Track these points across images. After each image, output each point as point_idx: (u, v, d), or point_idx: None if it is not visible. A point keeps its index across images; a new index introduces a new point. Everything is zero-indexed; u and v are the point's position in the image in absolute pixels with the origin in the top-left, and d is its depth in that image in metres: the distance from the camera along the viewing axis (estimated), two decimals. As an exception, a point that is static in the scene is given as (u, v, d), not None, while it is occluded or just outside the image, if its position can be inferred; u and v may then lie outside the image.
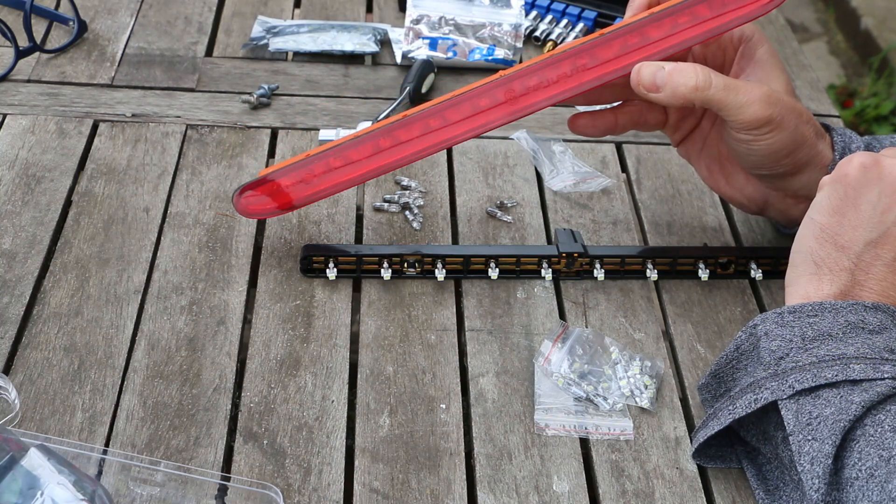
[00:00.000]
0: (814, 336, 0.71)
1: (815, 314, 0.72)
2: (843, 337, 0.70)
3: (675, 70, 0.81)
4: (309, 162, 0.87)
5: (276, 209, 0.88)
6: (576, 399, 0.80)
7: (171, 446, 0.75)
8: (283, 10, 1.26)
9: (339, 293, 0.88)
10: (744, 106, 0.80)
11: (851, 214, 0.74)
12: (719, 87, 0.80)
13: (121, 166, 0.99)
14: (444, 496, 0.74)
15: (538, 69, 0.85)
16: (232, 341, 0.83)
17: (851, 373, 0.68)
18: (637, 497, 0.75)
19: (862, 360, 0.69)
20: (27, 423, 0.76)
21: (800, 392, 0.69)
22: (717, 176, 0.91)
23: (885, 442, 0.66)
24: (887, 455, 0.65)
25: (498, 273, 0.90)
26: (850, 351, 0.70)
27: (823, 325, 0.71)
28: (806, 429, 0.68)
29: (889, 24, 3.07)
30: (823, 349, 0.70)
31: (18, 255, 0.89)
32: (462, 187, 1.01)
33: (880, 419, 0.67)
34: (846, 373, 0.68)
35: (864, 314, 0.71)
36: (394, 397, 0.80)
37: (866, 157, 0.75)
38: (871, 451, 0.66)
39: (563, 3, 1.23)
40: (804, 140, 0.83)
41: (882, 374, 0.68)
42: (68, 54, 1.14)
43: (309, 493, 0.73)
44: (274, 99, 1.10)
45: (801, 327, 0.72)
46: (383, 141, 0.86)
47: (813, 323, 0.71)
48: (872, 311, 0.71)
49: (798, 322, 0.72)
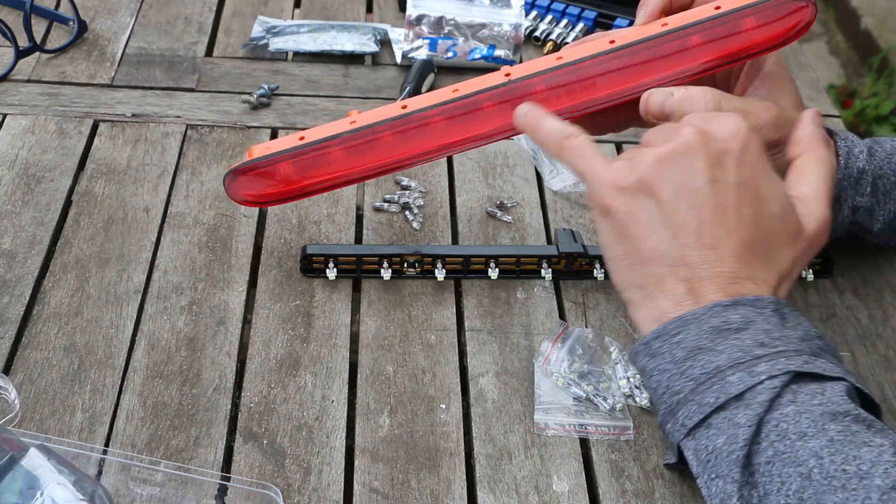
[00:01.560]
0: (684, 356, 0.69)
1: (679, 331, 0.69)
2: (713, 345, 0.68)
3: (685, 98, 0.78)
4: (305, 151, 0.83)
5: (266, 197, 0.85)
6: (576, 399, 0.80)
7: (171, 446, 0.75)
8: (283, 10, 1.26)
9: (339, 293, 0.88)
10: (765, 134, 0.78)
11: (635, 229, 0.71)
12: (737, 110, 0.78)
13: (121, 166, 0.99)
14: (444, 496, 0.74)
15: (546, 79, 0.82)
16: (232, 341, 0.83)
17: (730, 388, 0.66)
18: (637, 497, 0.75)
19: (736, 368, 0.66)
20: (27, 423, 0.76)
21: (692, 427, 0.67)
22: None
23: (797, 456, 0.63)
24: (806, 471, 0.63)
25: (498, 273, 0.90)
26: (722, 360, 0.67)
27: (690, 339, 0.69)
28: (707, 468, 0.66)
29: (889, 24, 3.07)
30: (697, 367, 0.68)
31: (18, 255, 0.89)
32: (462, 187, 1.01)
33: (783, 429, 0.64)
34: (726, 389, 0.66)
35: (726, 314, 0.68)
36: (394, 397, 0.80)
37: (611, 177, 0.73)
38: (790, 470, 0.63)
39: (563, 3, 1.23)
40: None
41: (759, 378, 0.66)
42: (68, 54, 1.14)
43: (309, 493, 0.73)
44: (274, 99, 1.10)
45: (671, 350, 0.69)
46: (385, 136, 0.83)
47: (679, 341, 0.69)
48: (732, 308, 0.69)
49: (666, 346, 0.69)
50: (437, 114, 0.82)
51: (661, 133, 0.73)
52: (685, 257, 0.70)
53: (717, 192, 0.70)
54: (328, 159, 0.83)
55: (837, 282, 0.93)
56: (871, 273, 0.94)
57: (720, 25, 0.81)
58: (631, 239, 0.71)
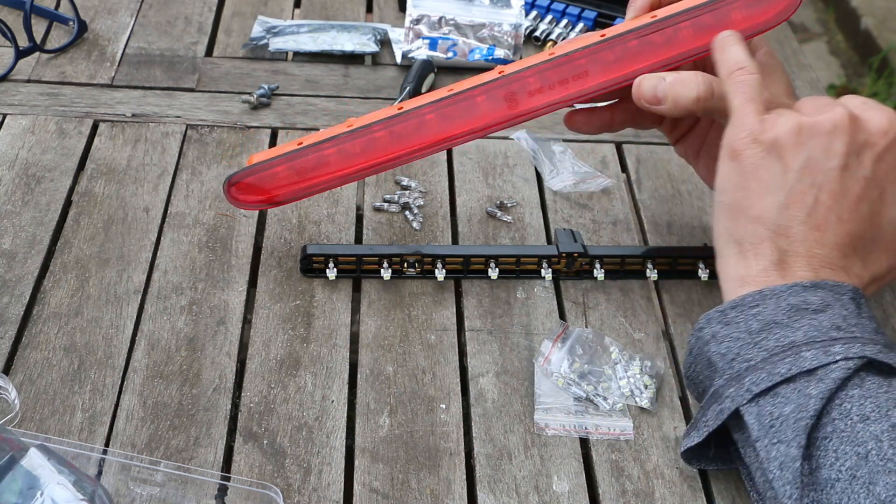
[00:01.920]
0: (760, 328, 0.70)
1: (757, 304, 0.70)
2: (789, 322, 0.69)
3: (676, 81, 0.80)
4: (302, 153, 0.85)
5: (266, 201, 0.87)
6: (576, 399, 0.80)
7: (171, 446, 0.75)
8: (283, 10, 1.26)
9: (339, 293, 0.88)
10: None
11: (754, 184, 0.73)
12: (721, 97, 0.79)
13: (121, 166, 0.99)
14: (444, 496, 0.74)
15: (539, 72, 0.84)
16: (232, 341, 0.83)
17: (804, 362, 0.67)
18: (637, 497, 0.75)
19: (812, 345, 0.67)
20: (27, 423, 0.76)
21: (758, 394, 0.68)
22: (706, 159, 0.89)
23: (857, 436, 0.64)
24: (864, 451, 0.64)
25: (498, 273, 0.90)
26: (798, 336, 0.68)
27: (767, 313, 0.70)
28: (770, 432, 0.67)
29: (889, 24, 3.07)
30: (772, 340, 0.69)
31: (18, 255, 0.89)
32: (462, 187, 1.01)
33: (846, 409, 0.65)
34: (799, 363, 0.67)
35: (805, 294, 0.69)
36: (394, 397, 0.80)
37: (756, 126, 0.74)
38: (847, 448, 0.64)
39: (563, 3, 1.23)
40: None
41: (834, 357, 0.67)
42: (68, 54, 1.14)
43: (309, 493, 0.73)
44: (274, 99, 1.10)
45: (746, 321, 0.70)
46: (379, 134, 0.85)
47: (756, 314, 0.70)
48: (812, 290, 0.70)
49: (742, 317, 0.71)
50: (431, 110, 0.84)
51: (813, 104, 0.75)
52: (790, 229, 0.72)
53: (845, 179, 0.72)
54: (325, 160, 0.85)
55: (837, 282, 0.93)
56: (871, 273, 0.94)
57: (708, 13, 0.83)
58: (747, 191, 0.73)
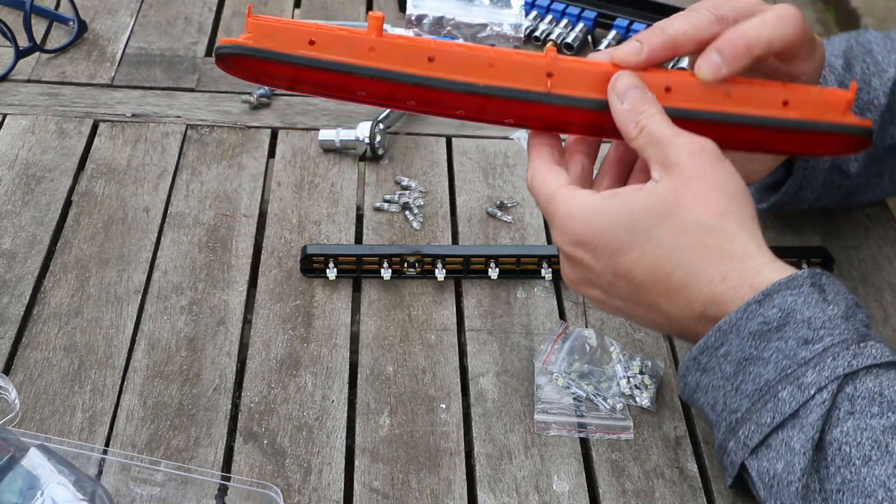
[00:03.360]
0: (734, 370, 0.67)
1: (721, 343, 0.68)
2: (759, 353, 0.67)
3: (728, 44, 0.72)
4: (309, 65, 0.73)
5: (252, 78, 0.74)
6: (576, 399, 0.80)
7: (171, 446, 0.75)
8: (283, 10, 1.26)
9: (339, 293, 0.88)
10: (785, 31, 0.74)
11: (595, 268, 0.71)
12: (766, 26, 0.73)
13: (121, 166, 0.99)
14: (444, 496, 0.74)
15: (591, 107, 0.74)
16: (232, 341, 0.83)
17: (784, 406, 0.65)
18: (637, 497, 0.75)
19: (785, 381, 0.65)
20: (27, 423, 0.76)
21: (755, 448, 0.67)
22: None
23: (865, 485, 0.62)
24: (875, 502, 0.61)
25: (498, 273, 0.90)
26: (770, 373, 0.66)
27: (733, 351, 0.67)
28: (772, 492, 0.65)
29: (889, 24, 3.07)
30: (749, 382, 0.67)
31: (18, 255, 0.89)
32: (462, 187, 1.01)
33: (846, 454, 0.63)
34: (780, 408, 0.65)
35: (761, 311, 0.66)
36: (394, 397, 0.80)
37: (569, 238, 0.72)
38: (859, 501, 0.62)
39: (563, 3, 1.23)
40: None
41: (809, 391, 0.64)
42: (68, 54, 1.14)
43: (309, 493, 0.73)
44: (274, 99, 1.10)
45: (719, 365, 0.68)
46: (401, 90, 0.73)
47: (725, 354, 0.68)
48: (767, 303, 0.66)
49: (714, 361, 0.68)
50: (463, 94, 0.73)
51: None
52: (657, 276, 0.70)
53: None
54: (331, 80, 0.74)
55: (837, 282, 0.93)
56: (871, 273, 0.94)
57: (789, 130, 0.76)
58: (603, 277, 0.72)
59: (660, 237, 0.68)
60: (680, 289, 0.68)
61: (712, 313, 0.68)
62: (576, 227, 0.70)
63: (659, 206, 0.68)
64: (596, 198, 0.70)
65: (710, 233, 0.68)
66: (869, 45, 0.87)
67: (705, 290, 0.68)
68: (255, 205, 0.97)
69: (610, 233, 0.69)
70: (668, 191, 0.69)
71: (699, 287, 0.68)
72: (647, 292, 0.70)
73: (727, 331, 0.67)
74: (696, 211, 0.68)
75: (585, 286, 0.73)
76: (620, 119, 0.72)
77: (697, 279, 0.68)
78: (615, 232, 0.69)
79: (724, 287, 0.68)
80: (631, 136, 0.71)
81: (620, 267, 0.69)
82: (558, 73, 0.73)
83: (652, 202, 0.69)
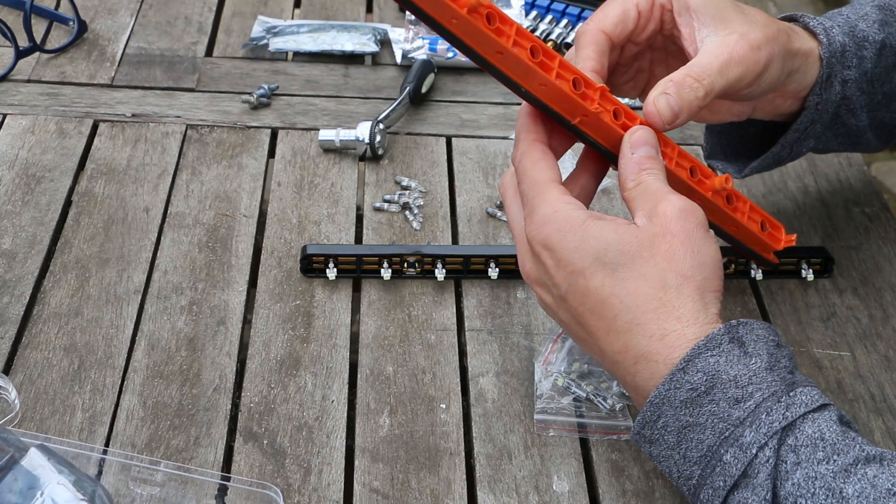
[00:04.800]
0: (676, 440, 0.67)
1: (657, 416, 0.68)
2: (694, 419, 0.66)
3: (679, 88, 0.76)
4: None
5: None
6: (576, 399, 0.80)
7: (171, 446, 0.75)
8: (283, 10, 1.26)
9: (339, 293, 0.88)
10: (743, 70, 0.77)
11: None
12: (716, 73, 0.77)
13: (121, 166, 0.99)
14: (444, 496, 0.74)
15: None
16: (232, 341, 0.83)
17: (731, 469, 0.65)
18: (637, 497, 0.75)
19: (725, 444, 0.65)
20: (27, 423, 0.76)
21: None
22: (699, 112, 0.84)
23: None
24: None
25: (498, 273, 0.90)
26: (709, 437, 0.66)
27: (671, 423, 0.67)
28: None
29: (889, 24, 3.07)
30: (693, 449, 0.67)
31: (18, 255, 0.89)
32: (462, 187, 1.01)
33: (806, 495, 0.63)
34: (728, 471, 0.65)
35: (686, 379, 0.67)
36: (394, 397, 0.80)
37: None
38: None
39: (563, 3, 1.23)
40: (792, 51, 0.81)
41: (751, 451, 0.64)
42: (68, 54, 1.14)
43: (309, 493, 0.73)
44: (274, 99, 1.10)
45: (663, 437, 0.68)
46: None
47: (664, 426, 0.68)
48: (691, 368, 0.67)
49: (657, 434, 0.68)
50: None
51: None
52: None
53: None
54: None
55: (837, 282, 0.93)
56: (871, 273, 0.94)
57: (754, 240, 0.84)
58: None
59: (622, 276, 0.69)
60: (620, 333, 0.69)
61: (643, 369, 0.69)
62: (550, 232, 0.71)
63: (633, 247, 0.70)
64: (581, 214, 0.71)
65: (667, 290, 0.69)
66: None
67: (643, 344, 0.68)
68: (255, 205, 0.97)
69: (578, 252, 0.70)
70: (646, 236, 0.70)
71: (638, 338, 0.69)
72: (591, 321, 0.70)
73: (659, 403, 0.67)
74: (662, 265, 0.69)
75: (540, 287, 0.74)
76: (625, 167, 0.74)
77: (639, 329, 0.69)
78: (583, 253, 0.70)
79: (661, 346, 0.68)
80: (627, 186, 0.73)
81: (577, 287, 0.70)
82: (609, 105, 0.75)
83: (628, 240, 0.70)
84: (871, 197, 1.03)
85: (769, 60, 0.79)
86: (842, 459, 0.63)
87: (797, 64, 0.82)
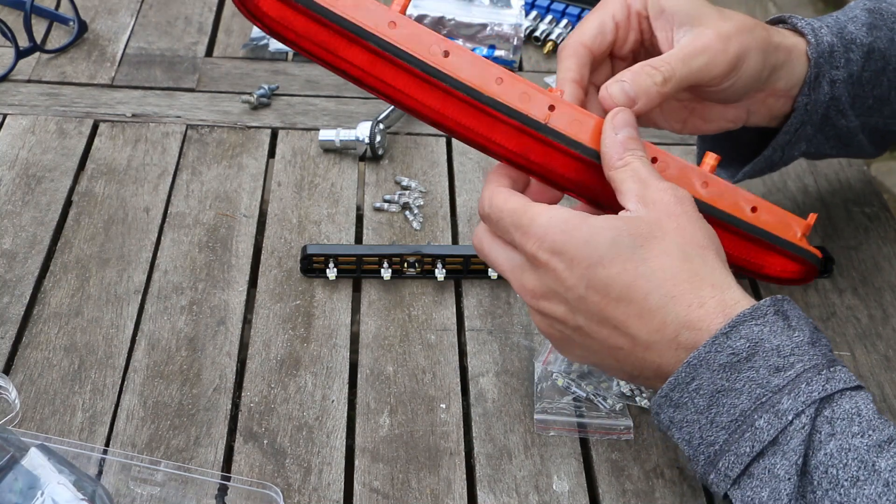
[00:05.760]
0: (707, 403, 0.67)
1: (692, 378, 0.67)
2: (731, 384, 0.66)
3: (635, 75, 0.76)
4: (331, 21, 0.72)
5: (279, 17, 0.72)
6: (576, 399, 0.80)
7: (171, 446, 0.75)
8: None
9: (339, 293, 0.88)
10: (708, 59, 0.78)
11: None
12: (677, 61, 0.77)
13: (121, 166, 1.00)
14: (444, 496, 0.74)
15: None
16: (232, 341, 0.83)
17: (762, 434, 0.65)
18: (637, 497, 0.75)
19: (760, 410, 0.65)
20: (27, 423, 0.76)
21: (736, 478, 0.66)
22: (693, 121, 0.87)
23: None
24: None
25: (498, 273, 0.90)
26: (744, 402, 0.66)
27: (705, 385, 0.67)
28: None
29: (889, 24, 3.07)
30: (724, 413, 0.66)
31: (18, 255, 0.89)
32: (462, 187, 1.01)
33: (833, 476, 0.63)
34: (758, 437, 0.65)
35: (729, 343, 0.67)
36: (394, 397, 0.80)
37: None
38: None
39: (563, 3, 1.23)
40: (773, 44, 0.81)
41: (787, 418, 0.64)
42: (68, 54, 1.14)
43: (309, 492, 0.73)
44: (274, 99, 1.10)
45: (692, 400, 0.68)
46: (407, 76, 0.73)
47: (697, 388, 0.67)
48: (734, 335, 0.67)
49: (686, 396, 0.68)
50: (467, 100, 0.74)
51: None
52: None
53: None
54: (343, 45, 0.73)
55: (837, 282, 0.93)
56: (871, 273, 0.94)
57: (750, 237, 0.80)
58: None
59: (643, 256, 0.69)
60: (655, 310, 0.68)
61: (686, 339, 0.68)
62: (555, 235, 0.70)
63: (644, 230, 0.70)
64: (577, 213, 0.71)
65: (693, 260, 0.69)
66: None
67: (682, 314, 0.68)
68: (255, 205, 0.97)
69: (591, 244, 0.69)
70: (652, 218, 0.70)
71: (676, 310, 0.68)
72: (618, 310, 0.69)
73: (697, 365, 0.67)
74: (678, 240, 0.69)
75: (548, 300, 0.72)
76: (609, 147, 0.74)
77: (675, 302, 0.68)
78: (596, 244, 0.69)
79: (702, 312, 0.68)
80: (614, 165, 0.73)
81: (596, 280, 0.69)
82: (560, 109, 0.75)
83: (637, 225, 0.70)
84: (871, 197, 1.03)
85: (742, 51, 0.78)
86: (877, 435, 0.63)
87: (780, 58, 0.82)
